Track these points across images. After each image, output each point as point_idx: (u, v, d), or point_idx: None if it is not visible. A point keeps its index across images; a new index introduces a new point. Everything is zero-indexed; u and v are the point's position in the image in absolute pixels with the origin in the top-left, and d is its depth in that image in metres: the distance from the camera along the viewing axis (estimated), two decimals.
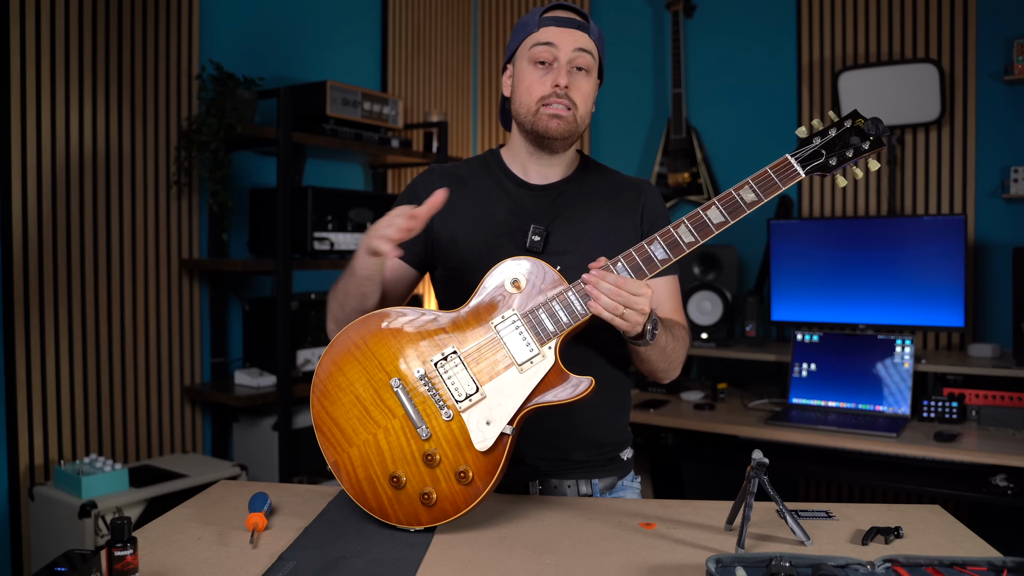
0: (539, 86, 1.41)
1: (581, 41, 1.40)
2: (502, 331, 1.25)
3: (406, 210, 1.24)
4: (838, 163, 1.28)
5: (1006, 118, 2.95)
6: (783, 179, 1.26)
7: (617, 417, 1.52)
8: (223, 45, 2.86)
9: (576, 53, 1.40)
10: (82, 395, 2.46)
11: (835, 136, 1.28)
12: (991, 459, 2.25)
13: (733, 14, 3.51)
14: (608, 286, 1.21)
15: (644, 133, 3.73)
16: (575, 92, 1.41)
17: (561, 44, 1.40)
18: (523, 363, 1.23)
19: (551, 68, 1.41)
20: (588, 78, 1.43)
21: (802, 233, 3.02)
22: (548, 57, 1.40)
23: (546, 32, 1.41)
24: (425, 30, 3.79)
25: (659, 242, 1.26)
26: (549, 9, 1.44)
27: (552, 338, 1.24)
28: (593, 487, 1.48)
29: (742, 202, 1.26)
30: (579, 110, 1.42)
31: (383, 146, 3.09)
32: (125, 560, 1.00)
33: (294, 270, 2.73)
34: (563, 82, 1.39)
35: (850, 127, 1.28)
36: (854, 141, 1.27)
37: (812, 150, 1.28)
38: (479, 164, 1.54)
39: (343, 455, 1.25)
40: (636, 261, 1.26)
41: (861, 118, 1.28)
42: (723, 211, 1.26)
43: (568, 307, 1.25)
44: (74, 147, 2.42)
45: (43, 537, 2.24)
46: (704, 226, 1.26)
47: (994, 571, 1.06)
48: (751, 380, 3.27)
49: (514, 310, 1.26)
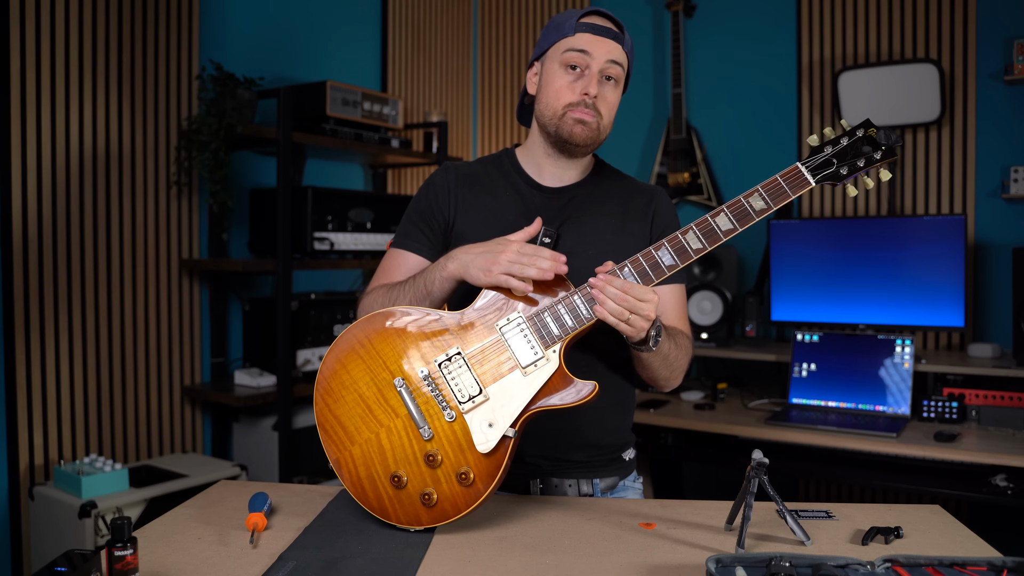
0: (568, 91, 1.40)
1: (615, 52, 1.40)
2: (507, 333, 1.25)
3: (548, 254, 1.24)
4: (849, 173, 1.27)
5: (1006, 118, 2.95)
6: (793, 187, 1.26)
7: (620, 420, 1.52)
8: (223, 45, 2.86)
9: (608, 64, 1.40)
10: (82, 395, 2.46)
11: (847, 145, 1.27)
12: (991, 459, 2.25)
13: (733, 14, 3.51)
14: (614, 291, 1.21)
15: (644, 133, 3.73)
16: (602, 102, 1.41)
17: (595, 53, 1.39)
18: (527, 366, 1.23)
19: (582, 75, 1.40)
20: (616, 89, 1.43)
21: (802, 233, 3.02)
22: (581, 63, 1.40)
23: (582, 38, 1.40)
24: (425, 30, 3.80)
25: (667, 248, 1.26)
26: (587, 14, 1.43)
27: (557, 341, 1.24)
28: (594, 487, 1.48)
29: (751, 209, 1.26)
30: (604, 120, 1.42)
31: (383, 146, 3.09)
32: (125, 560, 1.00)
33: (294, 270, 2.73)
34: (593, 91, 1.38)
35: (862, 136, 1.27)
36: (865, 151, 1.26)
37: (823, 159, 1.27)
38: (493, 163, 1.54)
39: (345, 453, 1.25)
40: (643, 266, 1.26)
41: (873, 128, 1.27)
42: (732, 218, 1.26)
43: (574, 311, 1.25)
44: (74, 147, 2.42)
45: (43, 537, 2.24)
46: (712, 233, 1.26)
47: (994, 571, 1.06)
48: (751, 380, 3.27)
49: (519, 313, 1.26)
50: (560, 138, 1.42)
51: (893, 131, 1.27)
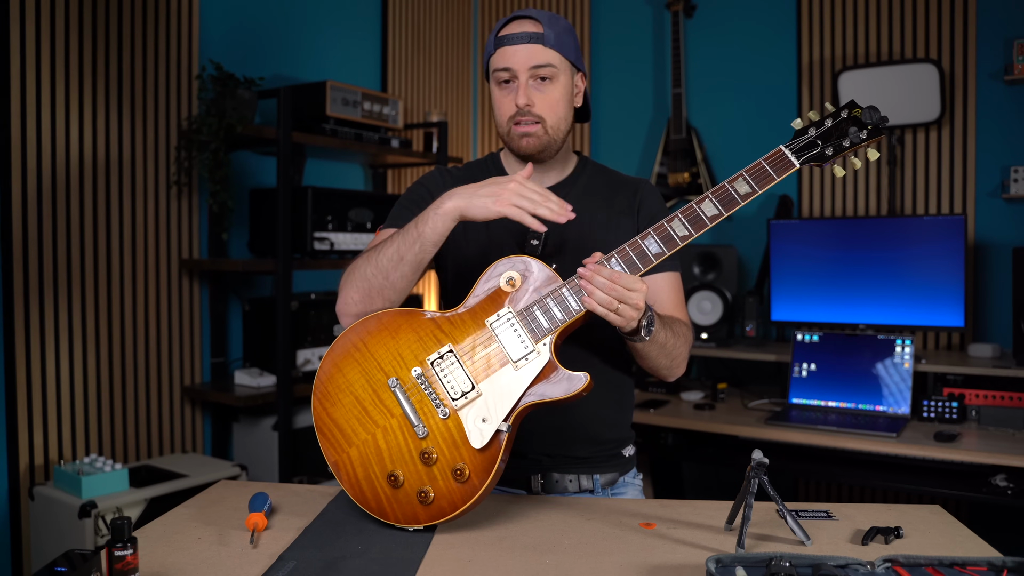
0: (506, 107, 1.42)
1: (535, 57, 1.39)
2: (497, 329, 1.26)
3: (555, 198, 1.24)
4: (835, 152, 1.26)
5: (1006, 118, 2.95)
6: (777, 170, 1.26)
7: (619, 415, 1.53)
8: (223, 45, 2.86)
9: (532, 70, 1.40)
10: (82, 395, 2.46)
11: (831, 126, 1.27)
12: (991, 459, 2.25)
13: (733, 14, 3.51)
14: (603, 280, 1.21)
15: (644, 133, 3.73)
16: (539, 106, 1.41)
17: (516, 64, 1.39)
18: (518, 360, 1.24)
19: (513, 87, 1.41)
20: (554, 84, 1.42)
21: (802, 233, 3.02)
22: (508, 78, 1.41)
23: (502, 54, 1.41)
24: (425, 30, 3.79)
25: (652, 236, 1.26)
26: (506, 23, 1.43)
27: (547, 335, 1.25)
28: (594, 482, 1.49)
29: (736, 194, 1.26)
30: (548, 121, 1.42)
31: (383, 146, 3.09)
32: (125, 560, 1.00)
33: (294, 270, 2.73)
34: (522, 101, 1.39)
35: (847, 117, 1.26)
36: (852, 131, 1.26)
37: (807, 140, 1.27)
38: (480, 167, 1.56)
39: (343, 455, 1.26)
40: (630, 256, 1.26)
41: (858, 108, 1.26)
42: (717, 203, 1.26)
43: (563, 303, 1.25)
44: (74, 147, 2.42)
45: (43, 537, 2.24)
46: (698, 219, 1.26)
47: (994, 571, 1.06)
48: (751, 380, 3.27)
49: (509, 308, 1.26)
50: (516, 152, 1.45)
51: (877, 110, 1.26)
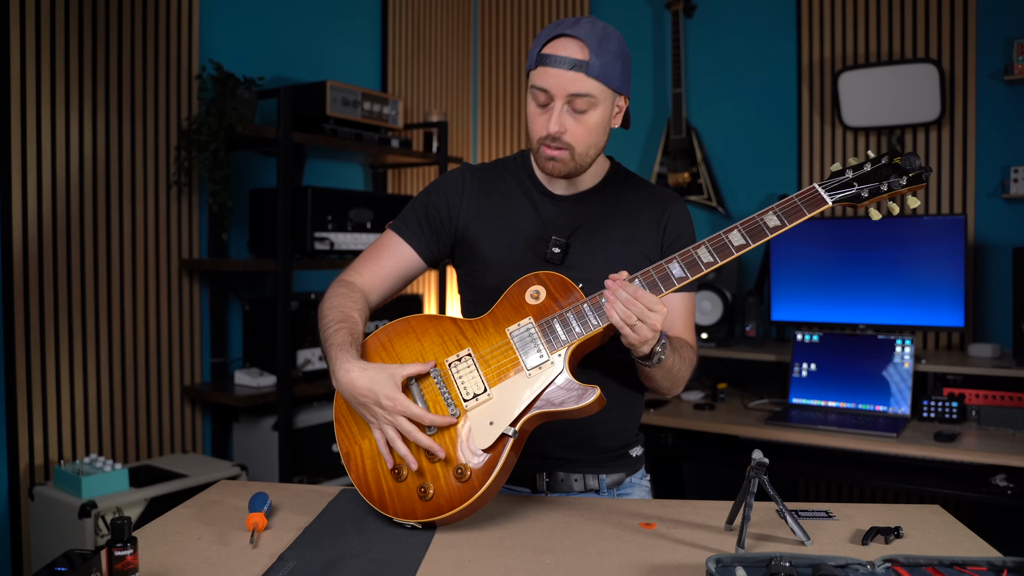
0: (538, 125, 1.38)
1: (575, 85, 1.32)
2: (516, 338, 1.30)
3: (426, 441, 1.22)
4: (871, 195, 1.26)
5: (1006, 118, 2.95)
6: (809, 206, 1.27)
7: (626, 422, 1.52)
8: (223, 45, 2.86)
9: (570, 98, 1.34)
10: (82, 395, 2.46)
11: (870, 171, 1.27)
12: (991, 459, 2.25)
13: (733, 14, 3.51)
14: (625, 295, 1.23)
15: (644, 133, 3.73)
16: (571, 134, 1.36)
17: (554, 90, 1.33)
18: (531, 368, 1.27)
19: (548, 109, 1.37)
20: (588, 116, 1.37)
21: (802, 233, 3.02)
22: (544, 100, 1.36)
23: (542, 74, 1.34)
24: (425, 30, 3.80)
25: (678, 261, 1.28)
26: (552, 39, 1.35)
27: (563, 346, 1.27)
28: (600, 482, 1.49)
29: (765, 227, 1.28)
30: (577, 149, 1.38)
31: (383, 146, 3.09)
32: (125, 560, 1.00)
33: (294, 270, 2.73)
34: (554, 129, 1.34)
35: (887, 164, 1.26)
36: (890, 176, 1.26)
37: (843, 180, 1.27)
38: (508, 167, 1.54)
39: (355, 447, 1.30)
40: (653, 278, 1.28)
41: (899, 156, 1.26)
42: (744, 234, 1.28)
43: (582, 318, 1.28)
44: (74, 147, 2.42)
45: (43, 537, 2.24)
46: (724, 248, 1.28)
47: (994, 571, 1.06)
48: (751, 380, 3.27)
49: (530, 319, 1.30)
50: (542, 170, 1.44)
51: (917, 157, 1.24)
